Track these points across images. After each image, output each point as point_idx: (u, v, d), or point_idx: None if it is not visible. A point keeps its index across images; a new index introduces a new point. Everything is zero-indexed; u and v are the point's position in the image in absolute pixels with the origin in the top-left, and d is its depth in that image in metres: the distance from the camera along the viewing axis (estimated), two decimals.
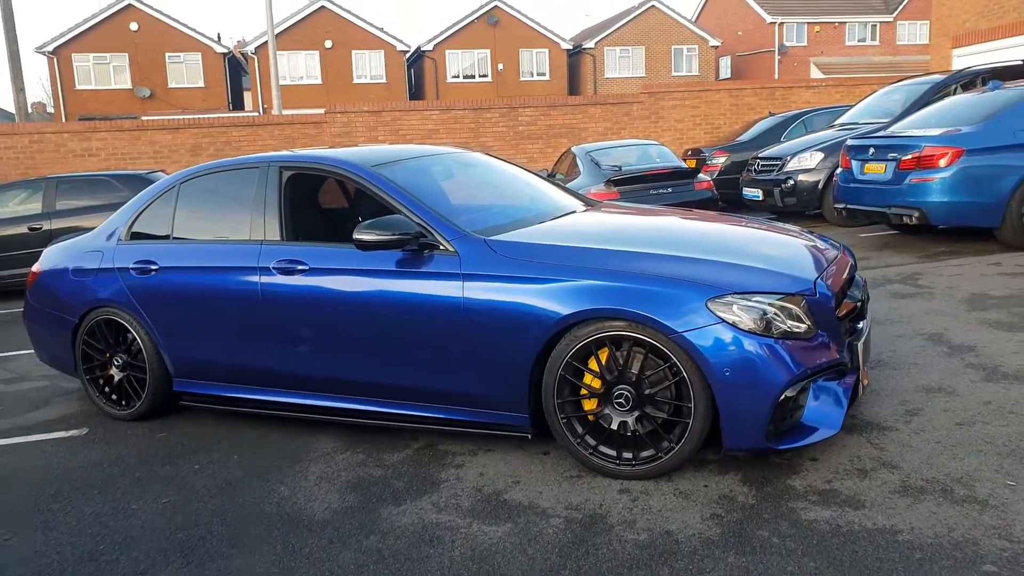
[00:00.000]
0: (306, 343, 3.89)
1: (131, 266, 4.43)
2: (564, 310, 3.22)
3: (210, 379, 4.29)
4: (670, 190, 9.31)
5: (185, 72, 33.59)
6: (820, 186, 10.05)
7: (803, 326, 3.13)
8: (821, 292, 3.20)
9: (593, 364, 3.23)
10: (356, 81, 34.55)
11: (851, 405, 3.38)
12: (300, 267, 3.86)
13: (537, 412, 3.39)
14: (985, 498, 2.84)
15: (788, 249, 3.61)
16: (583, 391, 3.27)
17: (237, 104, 37.17)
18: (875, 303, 5.74)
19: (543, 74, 37.22)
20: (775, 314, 3.07)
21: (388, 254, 3.62)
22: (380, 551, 2.85)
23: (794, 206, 10.36)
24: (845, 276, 3.51)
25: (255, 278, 3.98)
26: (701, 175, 9.68)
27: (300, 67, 34.22)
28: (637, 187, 9.29)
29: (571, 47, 37.30)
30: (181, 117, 23.60)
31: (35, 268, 5.03)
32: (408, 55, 35.74)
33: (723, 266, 3.23)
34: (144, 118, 19.66)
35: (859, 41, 40.93)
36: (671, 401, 3.14)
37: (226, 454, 3.93)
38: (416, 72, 37.85)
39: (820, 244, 3.75)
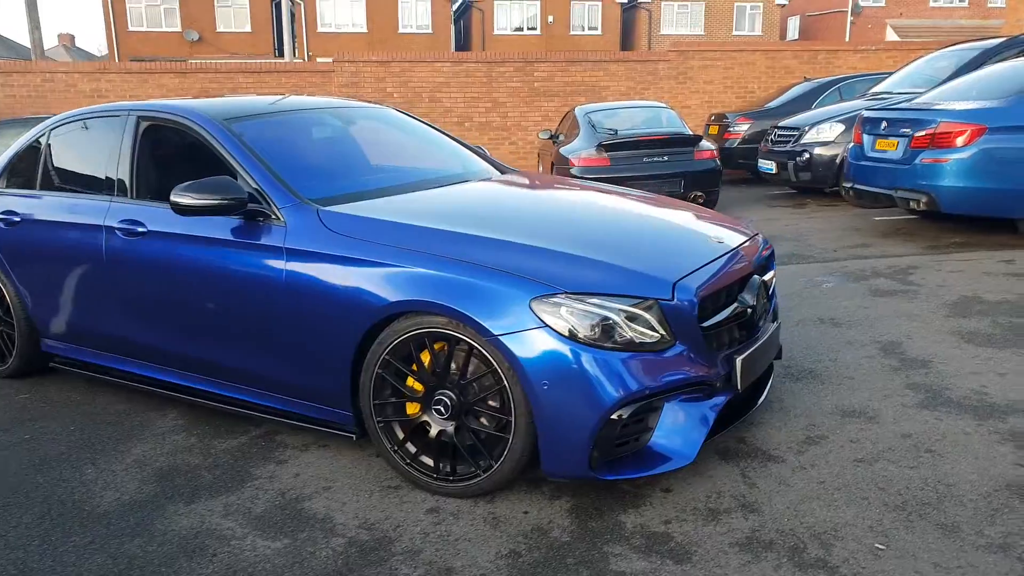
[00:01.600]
0: (149, 313, 3.53)
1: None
2: (385, 299, 2.77)
3: (76, 343, 3.98)
4: (666, 158, 8.64)
5: (233, 17, 33.46)
6: (838, 161, 9.21)
7: (654, 335, 2.62)
8: (683, 297, 2.67)
9: (415, 364, 2.78)
10: (401, 31, 33.92)
11: (720, 431, 2.87)
12: (139, 229, 3.48)
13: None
14: (837, 565, 2.32)
15: (667, 240, 3.08)
16: (405, 393, 2.84)
17: (283, 50, 37.02)
18: (849, 299, 5.12)
19: (594, 28, 35.96)
20: (617, 321, 2.56)
21: (224, 221, 3.20)
22: (133, 558, 2.50)
23: (809, 182, 9.56)
24: (736, 275, 2.95)
25: (101, 238, 3.63)
26: (705, 143, 8.95)
27: (346, 15, 33.75)
28: (630, 153, 8.65)
29: (625, 0, 35.87)
30: (220, 61, 23.47)
31: None
32: (455, 5, 34.89)
33: (563, 259, 2.72)
34: (191, 61, 19.56)
35: (945, 2, 38.19)
36: (493, 413, 2.69)
37: (67, 424, 3.64)
38: (463, 23, 37.01)
39: (717, 233, 3.19)
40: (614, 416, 2.53)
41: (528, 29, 35.61)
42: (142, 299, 3.53)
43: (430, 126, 4.49)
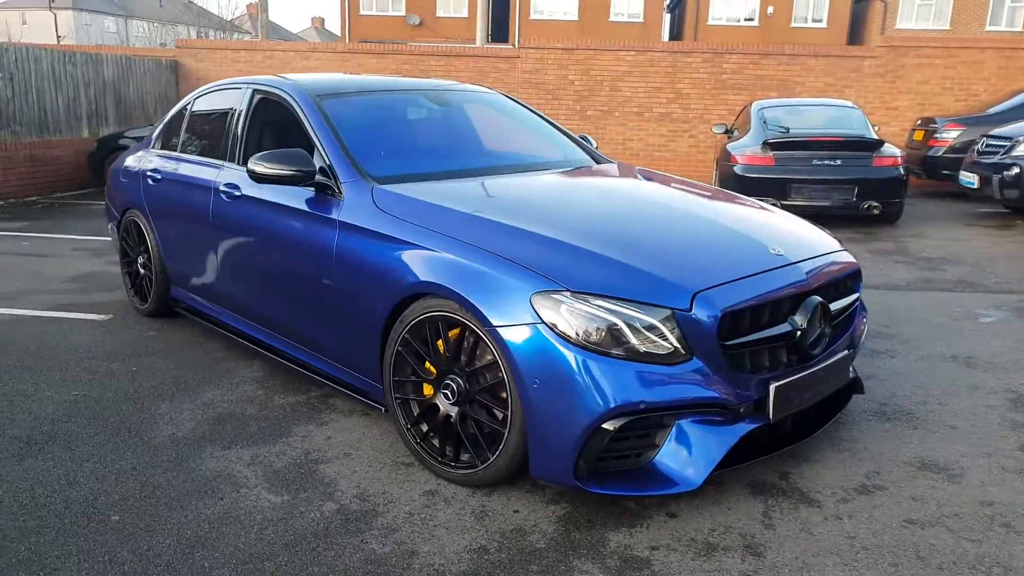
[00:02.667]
0: (239, 271, 3.83)
1: (148, 172, 4.66)
2: (408, 279, 2.80)
3: (192, 292, 4.42)
4: (839, 162, 7.90)
5: (452, 2, 35.04)
6: None
7: (666, 347, 2.42)
8: (703, 310, 2.44)
9: (431, 346, 2.78)
10: (612, 19, 33.72)
11: (746, 461, 2.61)
12: (235, 192, 3.77)
13: None
14: None
15: (712, 245, 2.81)
16: (421, 374, 2.85)
17: (499, 37, 38.18)
18: (1003, 339, 4.44)
19: (819, 20, 33.50)
20: (619, 326, 2.40)
21: (300, 191, 3.39)
22: (156, 488, 2.73)
23: (1016, 200, 8.32)
24: (787, 292, 2.64)
25: (210, 198, 3.98)
26: (888, 149, 8.06)
27: (558, 3, 34.11)
28: (798, 154, 8.00)
29: None
30: (436, 45, 24.69)
31: (112, 165, 5.51)
32: None
33: (581, 255, 2.58)
34: (411, 44, 20.84)
35: None
36: (493, 405, 2.62)
37: (170, 362, 4.04)
38: (677, 13, 36.04)
39: (785, 243, 2.86)
40: (605, 426, 2.38)
41: (745, 20, 33.96)
42: (234, 257, 3.83)
43: (535, 113, 4.43)
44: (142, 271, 4.85)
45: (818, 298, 2.70)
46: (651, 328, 2.42)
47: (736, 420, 2.54)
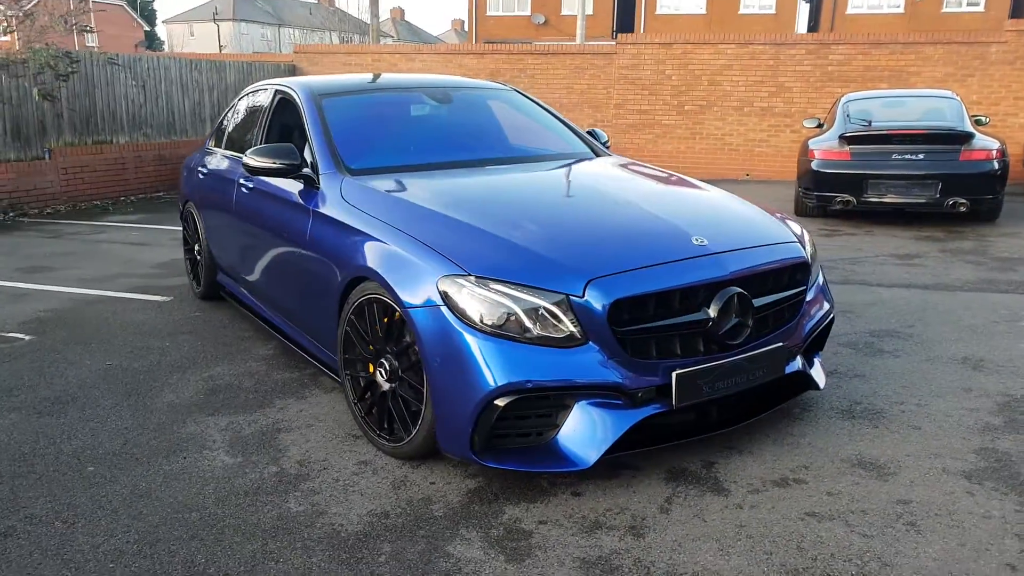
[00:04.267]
0: (256, 258, 4.20)
1: (197, 167, 5.17)
2: (352, 264, 3.03)
3: (230, 277, 4.86)
4: (921, 156, 7.42)
5: (578, 0, 35.12)
6: None
7: (561, 331, 2.52)
8: (595, 296, 2.51)
9: (370, 326, 3.00)
10: (743, 11, 32.66)
11: (651, 445, 2.66)
12: (249, 185, 4.15)
13: None
14: None
15: (628, 232, 2.85)
16: (363, 353, 3.08)
17: (626, 31, 37.91)
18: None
19: (975, 3, 30.93)
20: (515, 310, 2.52)
21: (295, 184, 3.70)
22: (136, 446, 3.12)
23: None
24: (700, 282, 2.65)
25: (233, 189, 4.39)
26: (982, 141, 7.47)
27: None
28: (876, 148, 7.59)
29: None
30: (543, 43, 24.93)
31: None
32: None
33: (493, 241, 2.72)
34: (535, 43, 21.26)
35: None
36: (413, 382, 2.81)
37: (200, 340, 4.50)
38: (814, 3, 34.30)
39: (714, 232, 2.85)
40: (497, 403, 2.51)
41: (889, 7, 31.89)
42: (249, 244, 4.22)
43: (546, 110, 4.54)
44: (197, 258, 5.38)
45: (736, 289, 2.69)
46: (545, 312, 2.52)
47: (637, 405, 2.59)
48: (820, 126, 9.57)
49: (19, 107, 9.55)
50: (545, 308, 2.52)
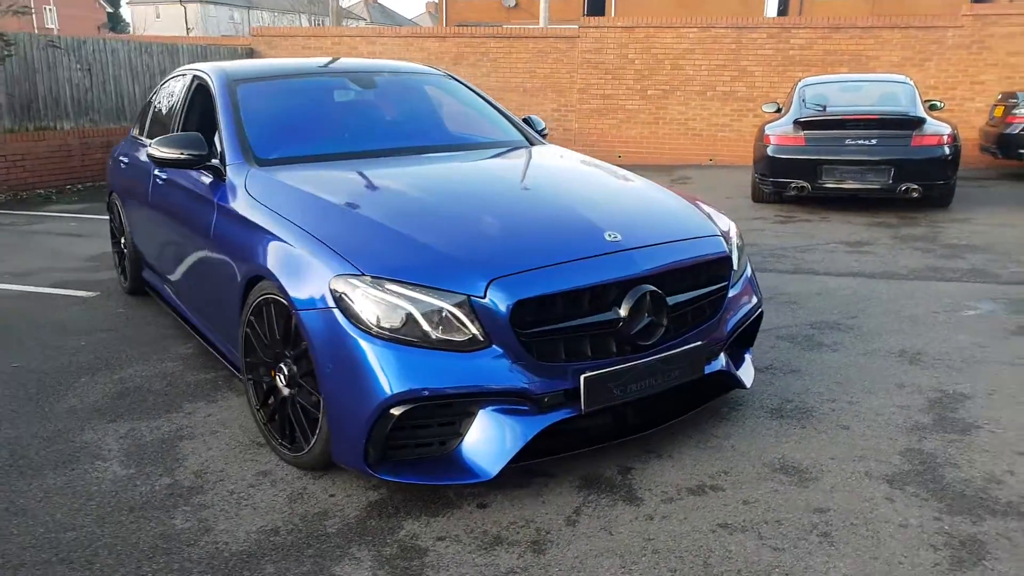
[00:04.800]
0: (170, 253, 3.99)
1: (119, 156, 4.93)
2: (250, 262, 2.85)
3: (152, 272, 4.62)
4: (874, 142, 7.34)
5: None
6: None
7: (463, 334, 2.37)
8: (497, 297, 2.36)
9: (268, 329, 2.82)
10: None
11: (562, 452, 2.53)
12: (164, 176, 3.94)
13: None
14: None
15: (538, 227, 2.70)
16: (264, 356, 2.90)
17: (596, 14, 37.62)
18: (975, 335, 4.06)
19: None
20: (412, 312, 2.36)
21: (199, 174, 3.50)
22: (22, 457, 2.92)
23: None
24: (608, 280, 2.50)
25: (150, 182, 4.17)
26: (934, 126, 7.40)
27: None
28: (830, 133, 7.50)
29: None
30: (522, 26, 24.60)
31: None
32: None
33: (393, 238, 2.56)
34: (505, 26, 20.90)
35: None
36: (311, 389, 2.64)
37: (120, 338, 4.28)
38: None
39: (629, 224, 2.72)
40: (393, 411, 2.35)
41: None
42: (164, 238, 4.01)
43: (480, 95, 4.35)
44: (124, 251, 5.14)
45: (648, 287, 2.55)
46: (448, 314, 2.36)
47: (543, 411, 2.45)
48: (779, 111, 9.47)
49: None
50: (446, 310, 2.37)
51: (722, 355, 2.92)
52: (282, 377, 2.77)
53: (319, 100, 3.92)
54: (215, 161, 3.37)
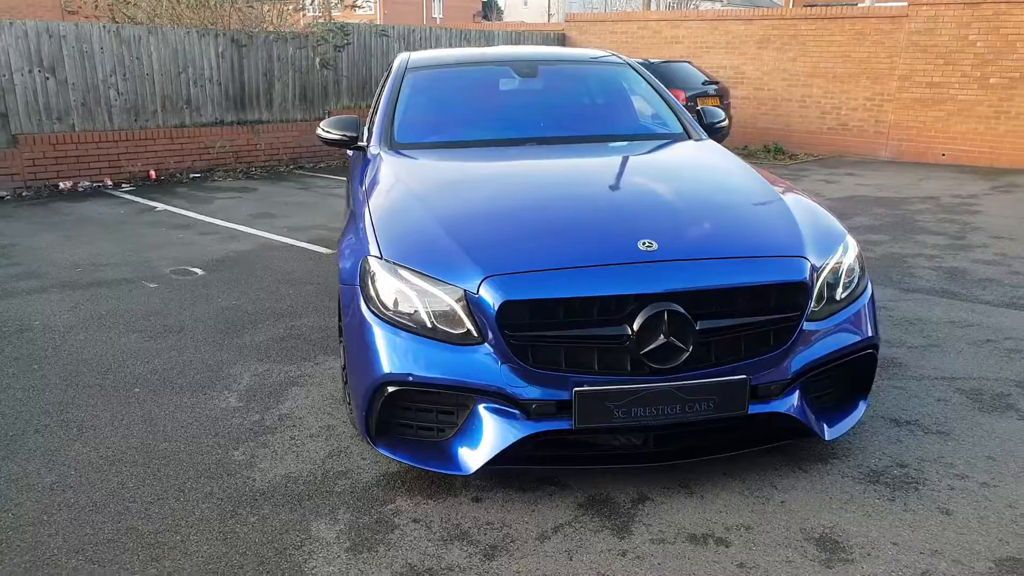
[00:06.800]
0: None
1: None
2: (343, 236, 3.13)
3: None
4: None
5: None
6: None
7: (460, 328, 2.40)
8: (489, 294, 2.32)
9: None
10: None
11: (554, 464, 2.47)
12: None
13: None
14: None
15: (580, 230, 2.56)
16: None
17: None
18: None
19: None
20: (413, 299, 2.44)
21: (358, 153, 3.90)
22: (183, 380, 3.59)
23: None
24: (622, 293, 2.29)
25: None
26: None
27: None
28: None
29: None
30: (842, 5, 22.26)
31: None
32: None
33: (426, 224, 2.67)
34: (859, 6, 19.36)
35: None
36: None
37: (316, 291, 4.94)
38: None
39: (668, 234, 2.47)
40: (390, 389, 2.45)
41: None
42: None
43: (652, 85, 4.14)
44: None
45: (670, 305, 2.29)
46: (443, 306, 2.39)
47: (531, 417, 2.36)
48: None
49: (306, 75, 11.04)
50: (446, 302, 2.39)
51: (793, 395, 2.51)
52: None
53: (478, 88, 4.08)
54: (362, 142, 3.72)
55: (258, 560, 2.25)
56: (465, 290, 2.37)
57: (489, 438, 2.39)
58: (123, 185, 9.02)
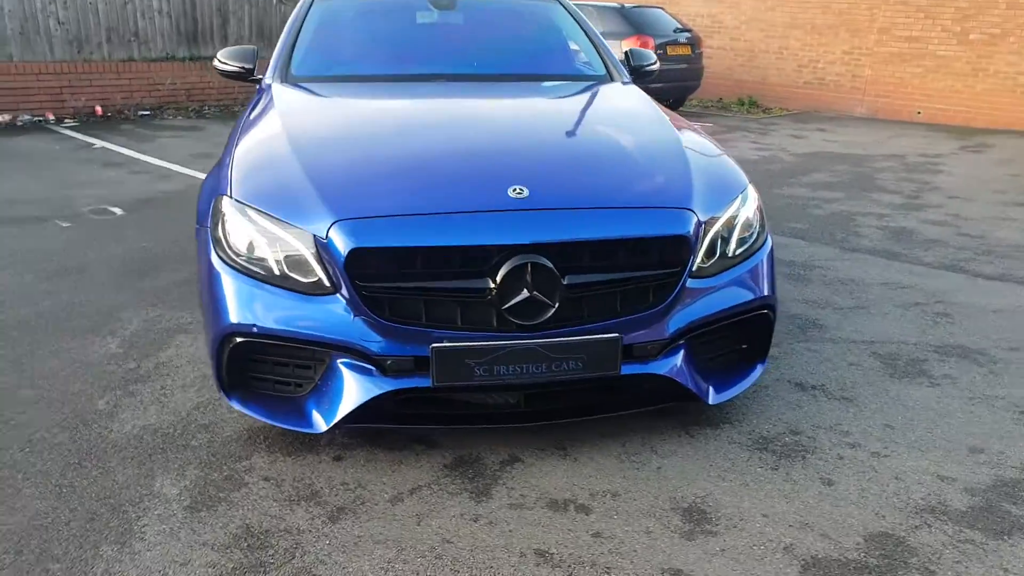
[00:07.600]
0: None
1: None
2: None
3: None
4: None
5: None
6: None
7: (309, 276, 2.20)
8: (337, 240, 2.13)
9: None
10: None
11: (415, 423, 2.33)
12: None
13: None
14: None
15: (451, 173, 2.35)
16: None
17: None
18: None
19: None
20: (260, 244, 2.24)
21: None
22: (70, 323, 3.40)
23: None
24: (481, 242, 2.11)
25: None
26: None
27: None
28: None
29: None
30: None
31: None
32: None
33: (288, 162, 2.43)
34: None
35: None
36: None
37: None
38: None
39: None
40: (237, 340, 2.27)
41: None
42: None
43: (581, 26, 3.87)
44: None
45: (534, 258, 2.11)
46: (292, 252, 2.20)
47: (387, 374, 2.20)
48: None
49: (263, 11, 10.60)
50: (294, 247, 2.20)
51: (676, 356, 2.35)
52: None
53: (390, 19, 3.81)
54: (258, 74, 3.48)
55: (88, 516, 2.10)
56: (315, 235, 2.18)
57: (343, 395, 2.22)
58: (66, 121, 8.68)
